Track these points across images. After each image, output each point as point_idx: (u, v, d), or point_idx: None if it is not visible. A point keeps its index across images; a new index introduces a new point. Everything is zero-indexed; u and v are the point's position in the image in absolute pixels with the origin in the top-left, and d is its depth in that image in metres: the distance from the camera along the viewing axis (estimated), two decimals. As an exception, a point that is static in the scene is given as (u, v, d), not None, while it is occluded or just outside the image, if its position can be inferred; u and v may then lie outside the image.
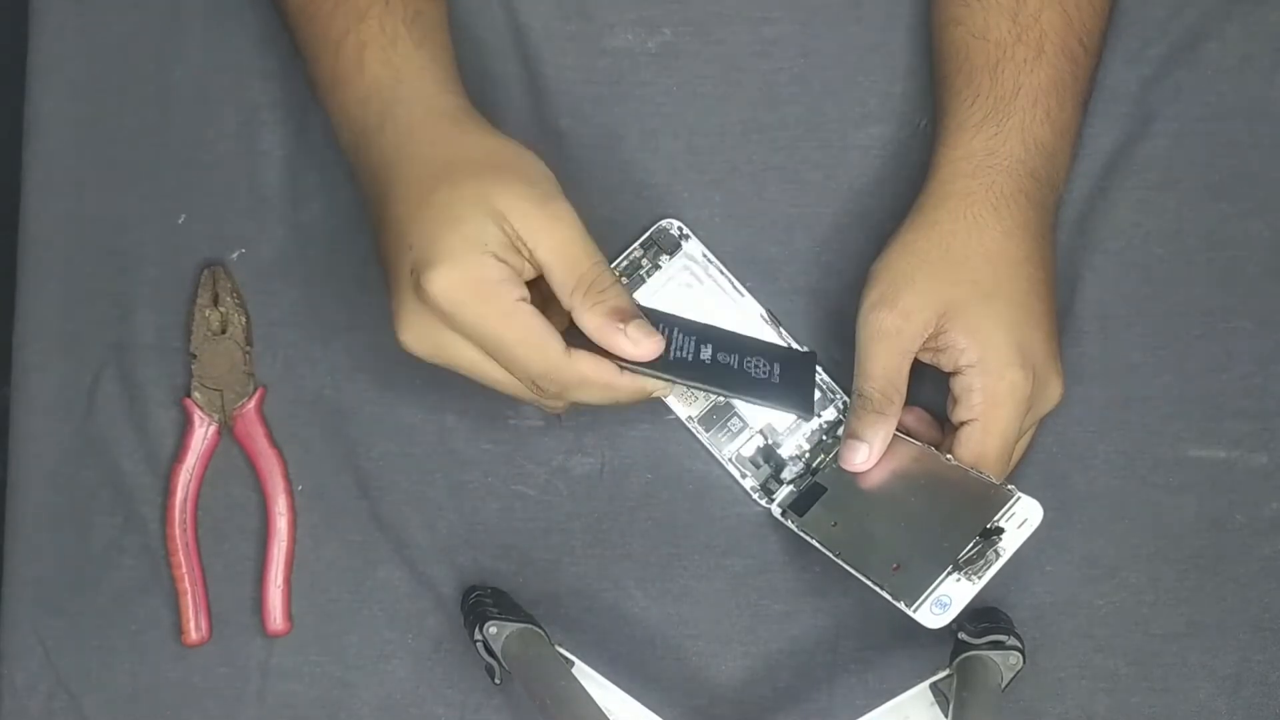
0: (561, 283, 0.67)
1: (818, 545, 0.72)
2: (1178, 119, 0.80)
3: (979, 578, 0.66)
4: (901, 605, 0.66)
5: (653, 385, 0.69)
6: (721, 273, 0.78)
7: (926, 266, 0.72)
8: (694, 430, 0.78)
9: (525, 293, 0.66)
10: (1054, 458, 0.78)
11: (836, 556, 0.70)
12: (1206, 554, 0.77)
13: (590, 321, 0.67)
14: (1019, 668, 0.71)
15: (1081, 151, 0.79)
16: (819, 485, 0.75)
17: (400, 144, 0.69)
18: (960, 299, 0.71)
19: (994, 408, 0.70)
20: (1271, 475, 0.78)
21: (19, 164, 0.81)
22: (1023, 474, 0.77)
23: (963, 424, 0.71)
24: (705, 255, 0.79)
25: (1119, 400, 0.78)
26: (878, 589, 0.68)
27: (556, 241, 0.66)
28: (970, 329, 0.71)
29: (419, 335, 0.67)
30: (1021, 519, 0.67)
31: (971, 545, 0.67)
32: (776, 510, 0.76)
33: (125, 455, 0.79)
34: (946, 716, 0.70)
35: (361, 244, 0.79)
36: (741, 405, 0.77)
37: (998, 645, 0.71)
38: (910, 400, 0.73)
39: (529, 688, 0.69)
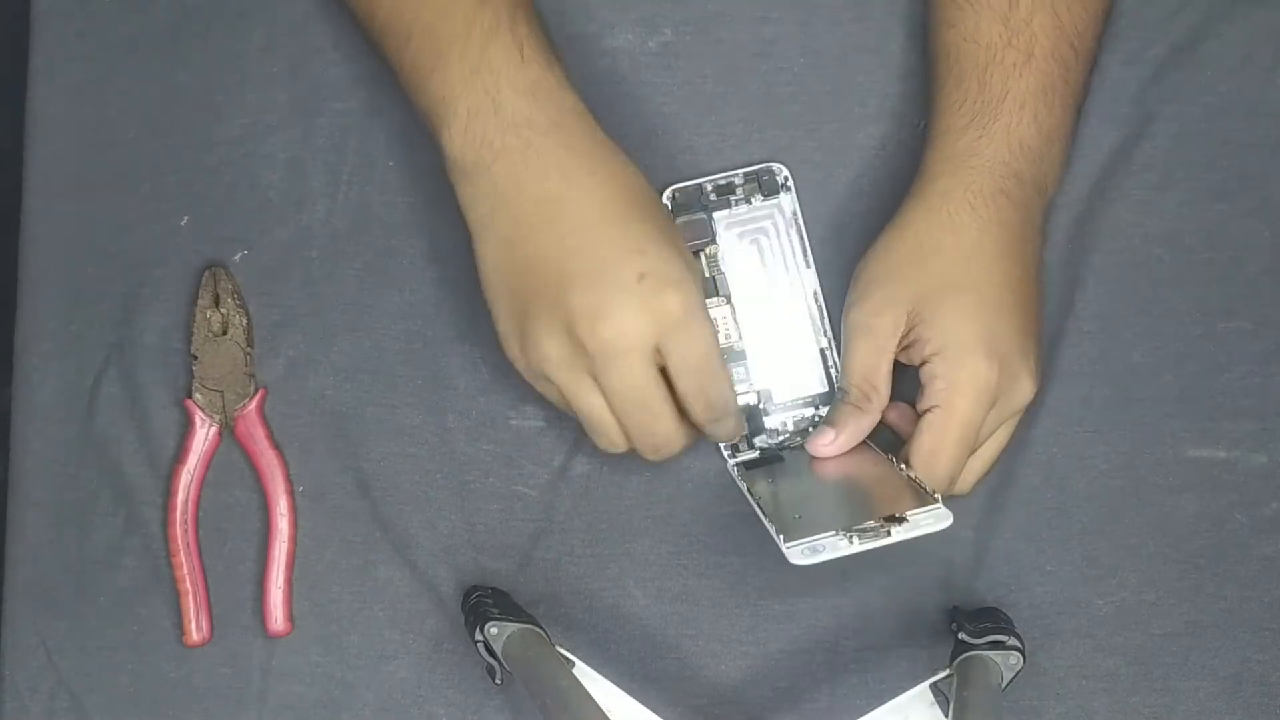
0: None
1: (744, 490, 0.73)
2: (1178, 119, 0.80)
3: (860, 542, 0.67)
4: (779, 541, 0.67)
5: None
6: (800, 238, 0.78)
7: (898, 264, 0.73)
8: None
9: None
10: (1054, 458, 0.78)
11: (756, 502, 0.71)
12: (1206, 554, 0.77)
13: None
14: (1019, 668, 0.71)
15: (1081, 151, 0.79)
16: (779, 457, 0.77)
17: (585, 150, 0.70)
18: (928, 292, 0.72)
19: (955, 394, 0.70)
20: (1271, 475, 0.78)
21: (21, 165, 0.81)
22: (1023, 474, 0.78)
23: (925, 412, 0.71)
24: (795, 213, 0.79)
25: (1119, 400, 0.78)
26: (768, 524, 0.68)
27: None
28: (935, 319, 0.71)
29: (631, 330, 0.67)
30: (928, 520, 0.67)
31: (871, 522, 0.67)
32: (731, 464, 0.77)
33: (126, 456, 0.79)
34: (947, 717, 0.70)
35: (363, 246, 0.80)
36: (751, 360, 0.78)
37: (998, 645, 0.71)
38: (897, 398, 0.74)
39: (530, 688, 0.70)
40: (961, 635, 0.72)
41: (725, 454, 0.78)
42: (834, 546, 0.67)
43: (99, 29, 0.81)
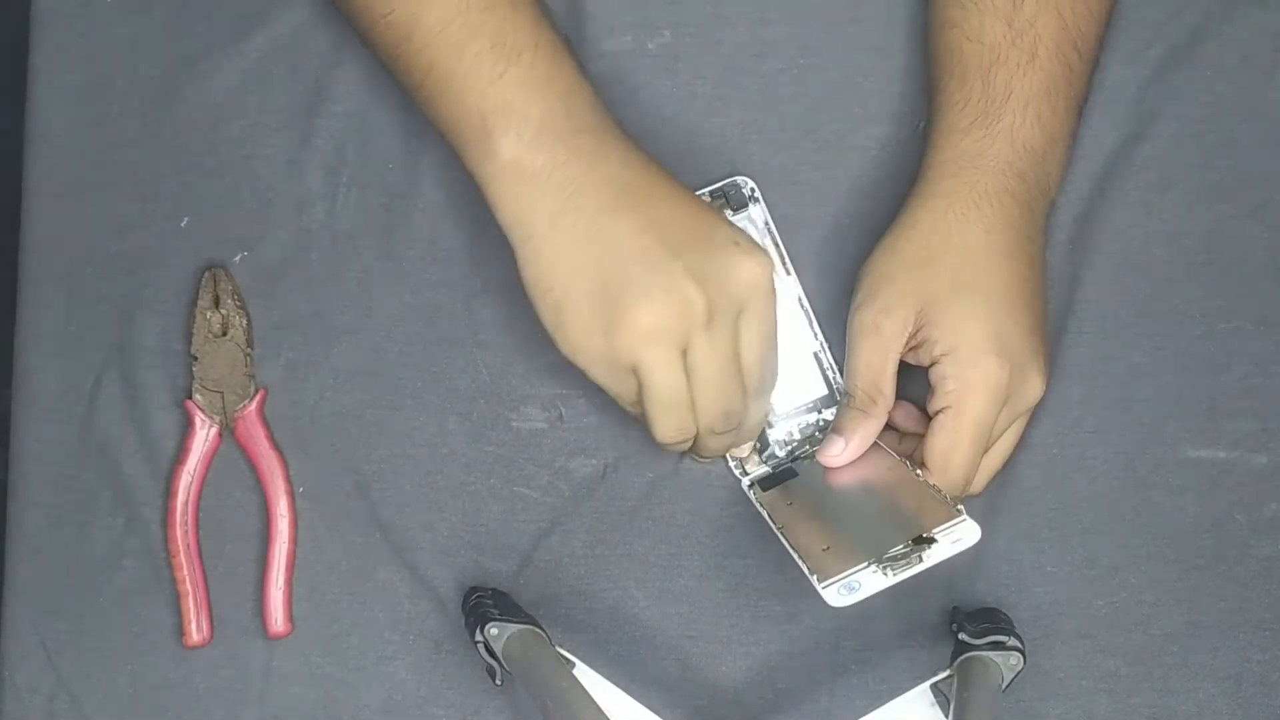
0: None
1: (766, 517, 0.73)
2: (1178, 119, 0.80)
3: (894, 574, 0.67)
4: (814, 580, 0.67)
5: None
6: (776, 246, 0.78)
7: (905, 265, 0.73)
8: None
9: None
10: (1054, 458, 0.78)
11: (779, 530, 0.71)
12: (1206, 554, 0.77)
13: None
14: (1019, 668, 0.71)
15: (1081, 152, 0.79)
16: (792, 470, 0.77)
17: (645, 152, 0.73)
18: (937, 293, 0.72)
19: (967, 394, 0.71)
20: (1271, 475, 0.78)
21: (21, 166, 0.81)
22: (1022, 474, 0.77)
23: (937, 413, 0.71)
24: (768, 223, 0.79)
25: (1119, 401, 0.78)
26: (800, 563, 0.68)
27: None
28: (945, 320, 0.71)
29: (739, 282, 0.69)
30: (957, 538, 0.67)
31: (900, 546, 0.67)
32: (745, 483, 0.77)
33: (126, 457, 0.79)
34: (947, 717, 0.70)
35: (364, 248, 0.80)
36: None
37: (998, 646, 0.71)
38: (904, 398, 0.74)
39: (530, 689, 0.70)
40: (962, 636, 0.72)
41: (737, 473, 0.78)
42: (869, 583, 0.66)
43: (99, 29, 0.81)
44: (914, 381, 0.74)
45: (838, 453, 0.73)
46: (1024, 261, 0.73)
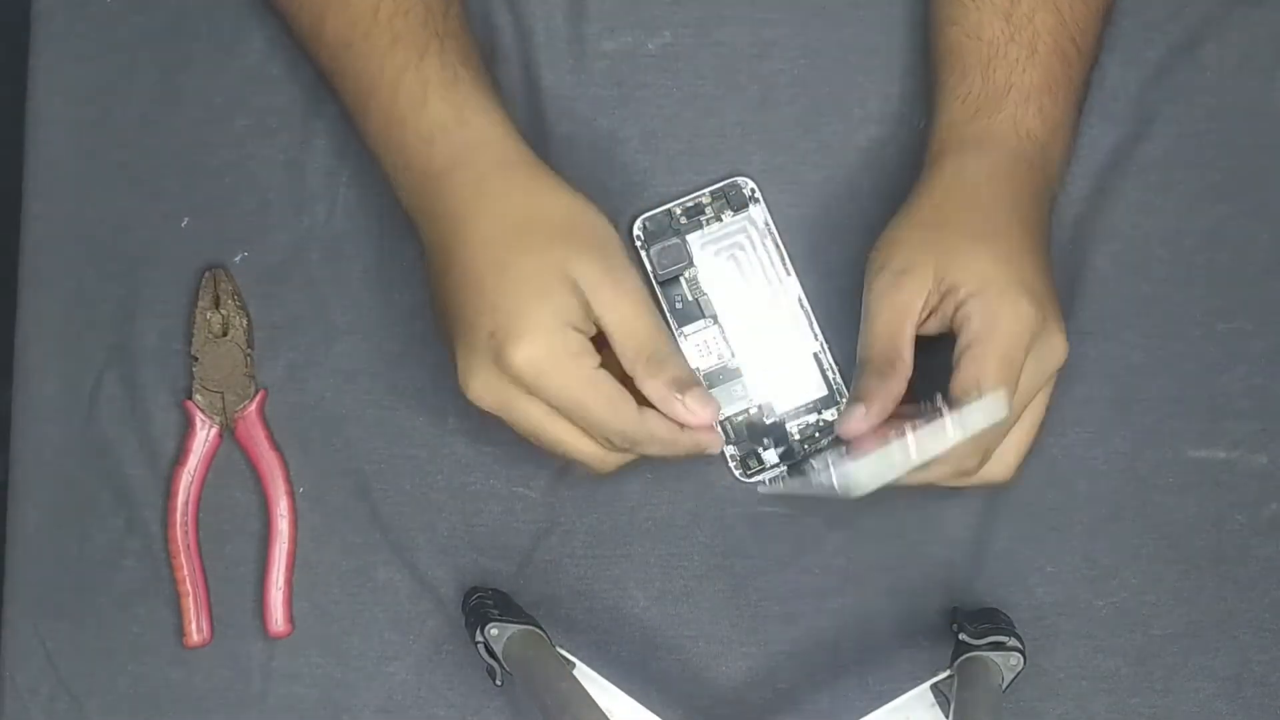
0: (623, 351, 0.69)
1: (797, 487, 0.72)
2: (1178, 119, 0.80)
3: (917, 451, 0.65)
4: (832, 469, 0.66)
5: (707, 442, 0.71)
6: (776, 246, 0.78)
7: (920, 227, 0.71)
8: None
9: (598, 358, 0.68)
10: (1054, 459, 0.78)
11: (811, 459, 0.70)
12: (1206, 554, 0.77)
13: (651, 391, 0.69)
14: (1020, 668, 0.71)
15: (1081, 152, 0.79)
16: (801, 472, 0.76)
17: (471, 194, 0.70)
18: (954, 245, 0.70)
19: (996, 325, 0.67)
20: (1271, 476, 0.78)
21: (21, 166, 0.81)
22: (1023, 474, 0.77)
23: (963, 352, 0.68)
24: (768, 223, 0.79)
25: (1119, 401, 0.78)
26: (815, 460, 0.67)
27: (621, 314, 0.68)
28: (969, 265, 0.69)
29: (490, 391, 0.68)
30: (981, 409, 0.65)
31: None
32: (767, 484, 0.77)
33: (127, 457, 0.79)
34: (947, 717, 0.70)
35: (364, 248, 0.80)
36: (747, 375, 0.78)
37: (998, 646, 0.71)
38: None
39: (530, 689, 0.70)
40: (962, 636, 0.72)
41: (738, 474, 0.78)
42: (897, 458, 0.64)
43: (99, 29, 0.81)
44: (922, 383, 0.73)
45: (859, 419, 0.69)
46: (1037, 224, 0.71)
